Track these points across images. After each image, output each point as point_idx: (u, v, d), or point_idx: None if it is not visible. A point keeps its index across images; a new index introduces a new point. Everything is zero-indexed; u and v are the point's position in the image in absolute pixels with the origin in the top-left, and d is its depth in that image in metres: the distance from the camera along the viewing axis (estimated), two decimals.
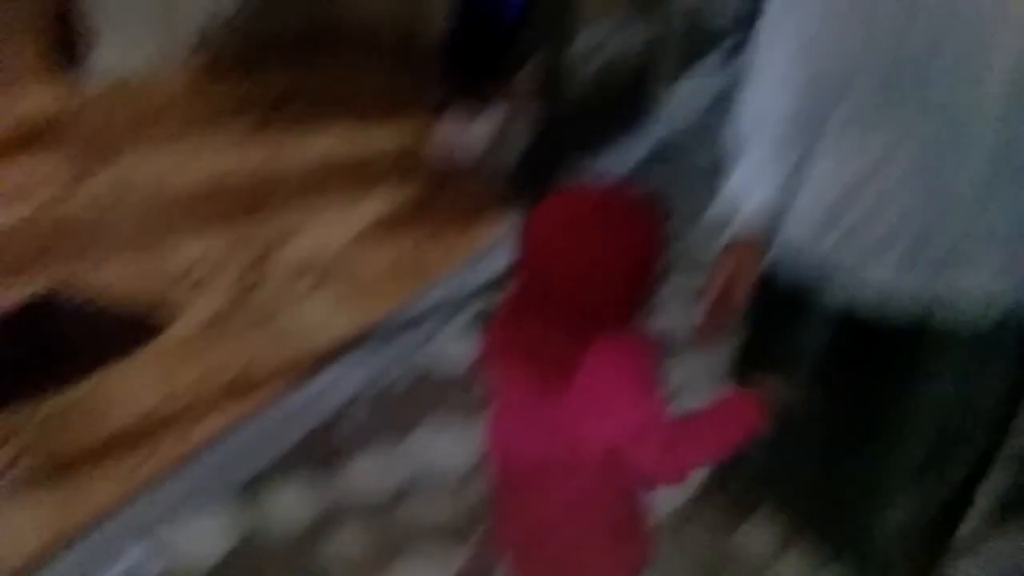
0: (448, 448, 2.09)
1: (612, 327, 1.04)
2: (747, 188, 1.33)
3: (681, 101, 3.97)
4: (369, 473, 2.01)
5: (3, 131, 3.20)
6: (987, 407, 1.42)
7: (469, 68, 3.56)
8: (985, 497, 1.69)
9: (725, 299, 1.32)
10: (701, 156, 3.76)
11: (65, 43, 3.57)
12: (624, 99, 3.65)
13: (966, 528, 1.67)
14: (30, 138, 3.21)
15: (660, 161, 3.57)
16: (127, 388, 2.16)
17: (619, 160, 3.51)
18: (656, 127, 3.76)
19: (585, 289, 1.01)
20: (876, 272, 1.29)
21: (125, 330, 2.30)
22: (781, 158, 1.31)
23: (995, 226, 1.22)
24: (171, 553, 1.78)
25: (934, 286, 1.27)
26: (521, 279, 1.08)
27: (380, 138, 3.53)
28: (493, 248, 2.89)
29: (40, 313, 2.27)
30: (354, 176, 3.27)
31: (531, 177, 2.92)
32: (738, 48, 4.65)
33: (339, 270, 2.72)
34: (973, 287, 1.26)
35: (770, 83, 1.30)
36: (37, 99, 3.39)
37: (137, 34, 3.66)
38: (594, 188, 1.11)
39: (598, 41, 3.55)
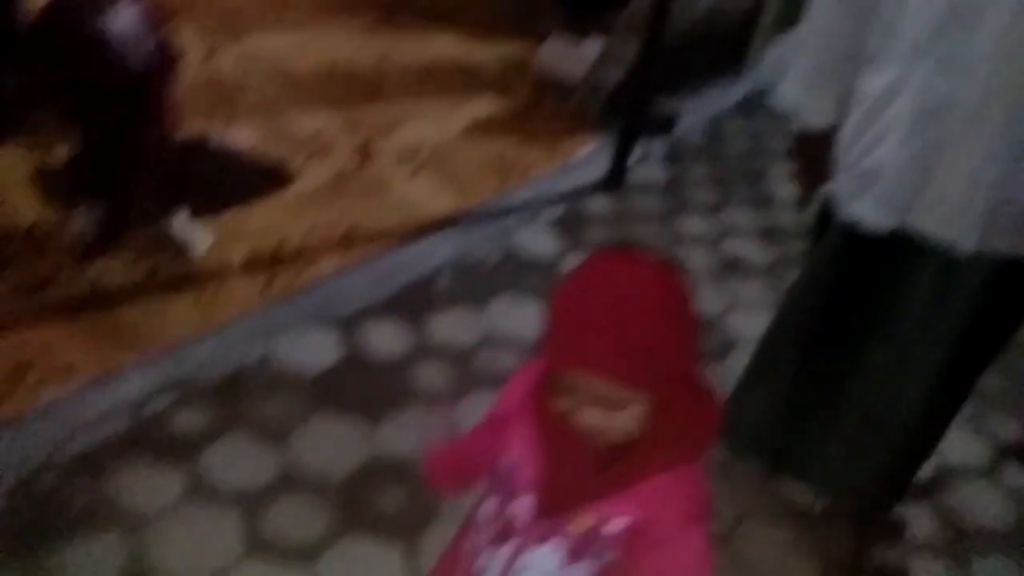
0: (521, 319, 2.36)
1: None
2: (799, 101, 1.53)
3: (778, 57, 4.09)
4: (453, 326, 2.29)
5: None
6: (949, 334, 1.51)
7: None
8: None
9: (809, 174, 1.56)
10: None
11: None
12: (724, 45, 3.79)
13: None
14: (168, 12, 3.51)
15: (747, 112, 3.74)
16: (255, 225, 2.47)
17: (710, 103, 3.68)
18: (750, 78, 3.91)
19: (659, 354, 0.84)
20: (861, 206, 1.46)
21: (256, 179, 2.61)
22: (825, 81, 1.49)
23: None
24: (283, 360, 2.09)
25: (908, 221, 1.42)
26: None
27: (487, 50, 3.76)
28: (583, 161, 3.12)
29: (190, 155, 2.56)
30: (460, 80, 3.51)
31: (624, 105, 3.12)
32: None
33: (440, 159, 2.98)
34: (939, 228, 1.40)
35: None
36: None
37: None
38: (633, 254, 0.90)
39: None
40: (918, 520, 1.96)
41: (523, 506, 0.97)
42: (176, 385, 1.96)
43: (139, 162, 2.17)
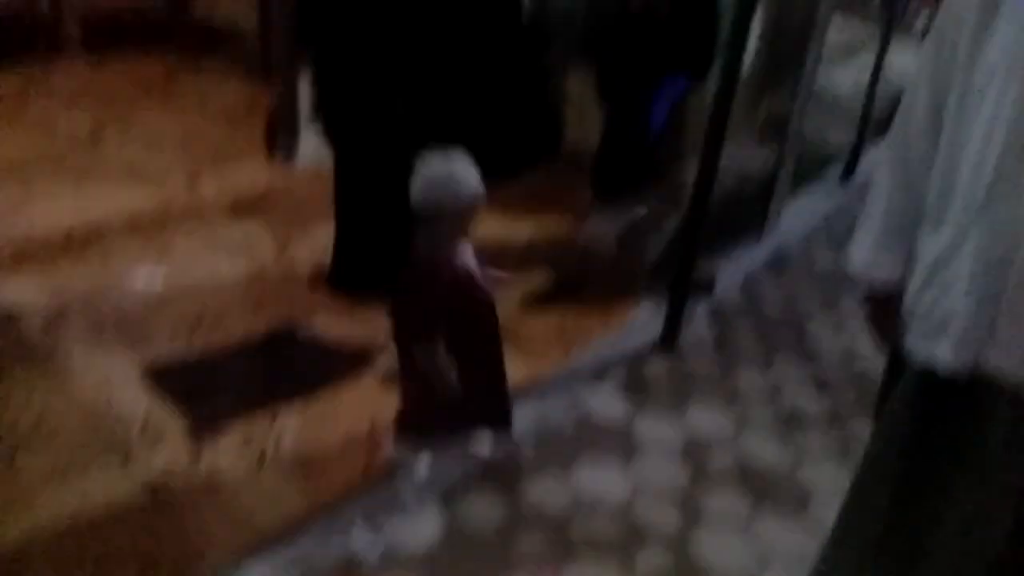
0: (606, 481, 2.47)
1: None
2: (868, 262, 1.69)
3: (796, 216, 4.43)
4: (544, 493, 2.40)
5: (227, 200, 3.88)
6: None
7: (616, 175, 4.12)
8: None
9: (882, 326, 1.72)
10: (816, 263, 4.17)
11: (276, 134, 4.30)
12: (748, 208, 4.12)
13: None
14: (248, 207, 3.88)
15: (776, 270, 4.00)
16: (348, 408, 2.64)
17: (741, 264, 3.95)
18: (773, 238, 4.21)
19: None
20: (937, 350, 1.56)
21: (344, 362, 2.80)
22: (892, 243, 1.66)
23: None
24: (390, 540, 2.19)
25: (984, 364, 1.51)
26: None
27: (529, 227, 4.07)
28: (637, 326, 3.33)
29: (281, 343, 2.78)
30: (508, 259, 3.77)
31: (668, 271, 3.37)
32: (848, 171, 5.11)
33: (505, 333, 3.17)
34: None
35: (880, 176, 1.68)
36: (253, 176, 4.08)
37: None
38: None
39: (724, 163, 4.05)
40: None
41: None
42: (295, 568, 2.05)
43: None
